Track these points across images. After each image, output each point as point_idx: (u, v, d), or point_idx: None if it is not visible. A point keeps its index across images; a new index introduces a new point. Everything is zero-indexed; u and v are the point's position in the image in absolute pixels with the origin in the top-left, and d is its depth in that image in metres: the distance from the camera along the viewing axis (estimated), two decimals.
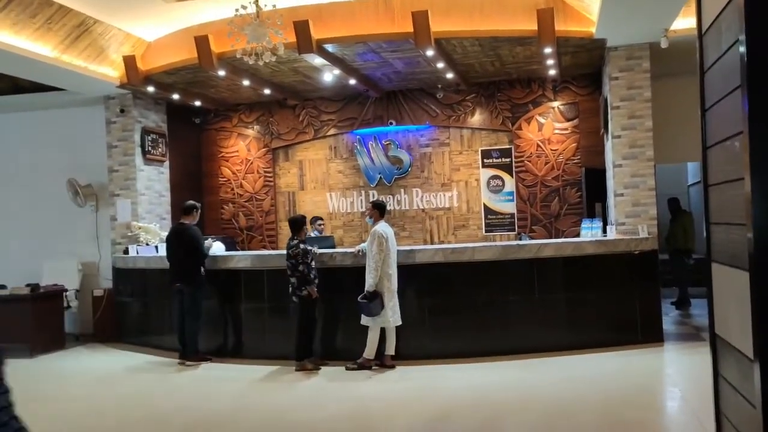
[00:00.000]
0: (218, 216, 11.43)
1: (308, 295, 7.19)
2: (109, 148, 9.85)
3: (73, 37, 8.01)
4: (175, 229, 8.17)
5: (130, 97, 9.67)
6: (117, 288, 9.57)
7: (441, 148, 10.70)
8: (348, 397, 6.16)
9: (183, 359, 7.79)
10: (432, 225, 10.74)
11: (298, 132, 11.14)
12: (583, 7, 7.37)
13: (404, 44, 8.02)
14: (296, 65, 8.80)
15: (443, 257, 7.57)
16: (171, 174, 10.54)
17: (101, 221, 10.04)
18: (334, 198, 11.11)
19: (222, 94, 10.50)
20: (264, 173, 11.31)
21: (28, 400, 5.63)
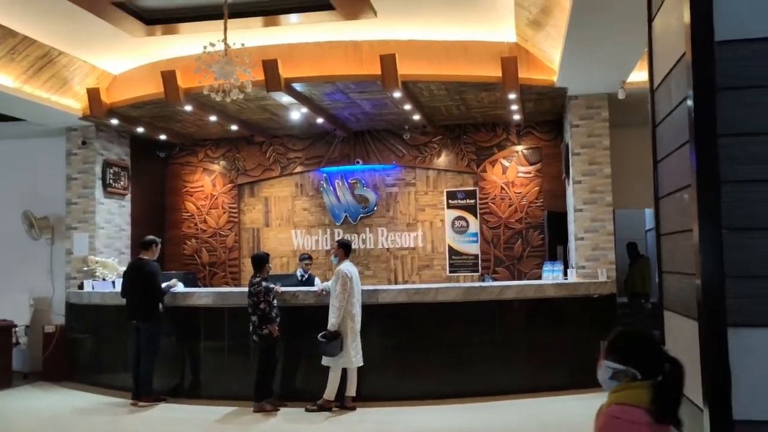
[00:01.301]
0: (180, 251, 11.25)
1: (269, 333, 7.08)
2: (68, 180, 9.66)
3: (36, 68, 7.92)
4: (134, 264, 8.01)
5: (93, 129, 9.55)
6: (70, 324, 9.27)
7: (407, 188, 10.78)
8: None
9: (136, 399, 7.55)
10: (396, 264, 10.74)
11: (264, 168, 11.12)
12: (545, 57, 7.59)
13: (372, 86, 8.13)
14: (264, 103, 8.83)
15: (407, 297, 7.57)
16: (132, 208, 10.37)
17: (56, 255, 9.77)
18: (299, 235, 11.05)
19: (188, 129, 10.46)
20: (229, 209, 11.22)
21: None
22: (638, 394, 2.16)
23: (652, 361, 2.21)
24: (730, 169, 1.96)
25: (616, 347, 2.30)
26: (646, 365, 2.20)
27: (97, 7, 6.41)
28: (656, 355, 2.23)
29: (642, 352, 2.26)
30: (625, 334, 2.37)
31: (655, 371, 2.18)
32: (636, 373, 2.21)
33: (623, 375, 2.23)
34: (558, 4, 5.78)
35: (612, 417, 2.21)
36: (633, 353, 2.25)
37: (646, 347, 2.27)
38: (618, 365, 2.25)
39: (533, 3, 6.25)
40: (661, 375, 2.16)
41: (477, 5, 6.87)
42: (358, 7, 6.56)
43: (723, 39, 1.97)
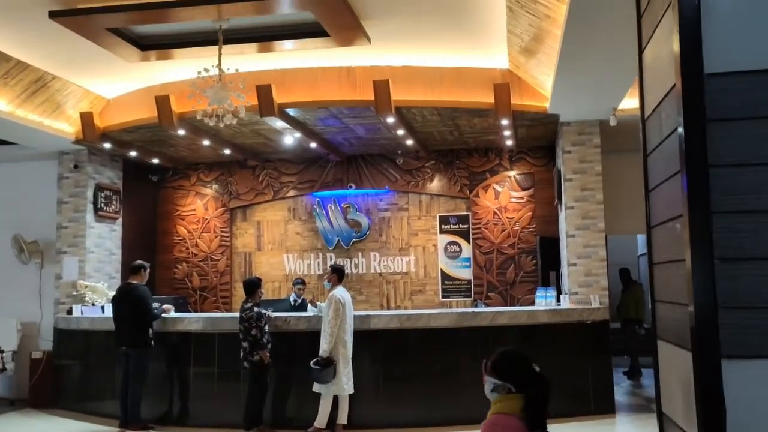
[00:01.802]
0: (171, 275, 11.18)
1: (260, 360, 7.01)
2: (59, 203, 9.61)
3: (30, 91, 7.93)
4: (123, 288, 7.92)
5: (85, 153, 9.53)
6: (58, 350, 9.14)
7: (400, 212, 10.78)
8: None
9: (123, 427, 7.43)
10: (389, 289, 10.70)
11: (257, 193, 11.11)
12: (537, 83, 7.66)
13: (365, 111, 8.17)
14: (258, 127, 8.86)
15: (399, 323, 7.52)
16: (124, 231, 10.32)
17: (45, 279, 9.68)
18: (291, 260, 11.01)
19: (181, 153, 10.46)
20: (221, 233, 11.18)
21: None
22: (512, 405, 2.61)
23: (524, 377, 2.67)
24: (721, 199, 1.96)
25: (496, 366, 2.72)
26: (518, 380, 2.65)
27: (92, 32, 6.43)
28: (527, 372, 2.69)
29: (515, 369, 2.70)
30: (503, 354, 2.78)
31: (526, 385, 2.64)
32: (511, 387, 2.65)
33: (501, 388, 2.66)
34: (550, 32, 5.85)
35: (491, 424, 2.63)
36: (508, 371, 2.69)
37: (519, 366, 2.72)
38: (497, 381, 2.68)
39: (525, 31, 6.32)
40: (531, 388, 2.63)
41: (470, 32, 6.94)
42: (352, 34, 6.61)
43: (712, 71, 1.99)
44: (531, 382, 2.67)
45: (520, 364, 2.74)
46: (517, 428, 2.56)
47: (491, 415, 2.65)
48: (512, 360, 2.76)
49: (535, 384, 2.67)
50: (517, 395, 2.63)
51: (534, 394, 2.64)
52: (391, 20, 6.57)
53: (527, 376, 2.68)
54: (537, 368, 2.74)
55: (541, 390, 2.67)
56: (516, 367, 2.72)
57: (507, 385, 2.66)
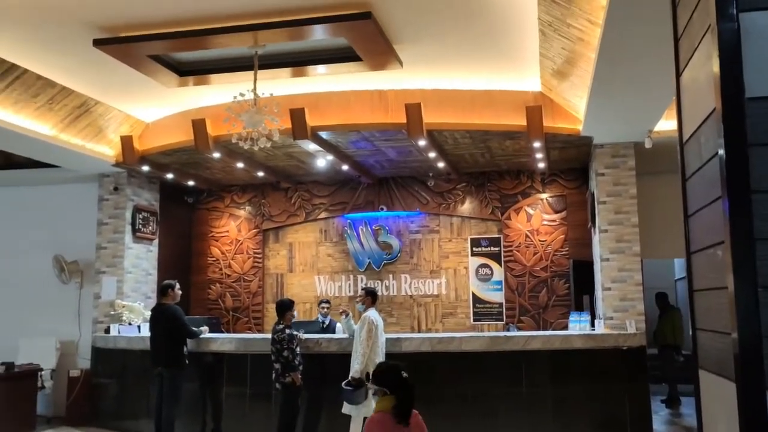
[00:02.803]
0: (205, 296, 11.31)
1: (292, 382, 7.02)
2: (99, 225, 9.84)
3: (73, 116, 8.17)
4: (156, 309, 8.02)
5: (124, 176, 9.76)
6: (95, 368, 9.30)
7: (431, 235, 10.77)
8: None
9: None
10: (420, 312, 10.66)
11: (289, 214, 11.22)
12: (570, 106, 7.63)
13: (397, 134, 8.22)
14: (291, 150, 8.97)
15: (430, 347, 7.48)
16: (160, 252, 10.50)
17: (84, 299, 9.89)
18: (322, 281, 11.05)
19: (216, 175, 10.63)
20: (253, 254, 11.29)
21: None
22: (386, 404, 3.46)
23: (394, 383, 3.51)
24: (764, 225, 1.93)
25: (375, 375, 3.63)
26: (390, 385, 3.51)
27: (133, 59, 6.62)
28: (397, 378, 3.53)
29: (388, 377, 3.56)
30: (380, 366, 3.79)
31: (396, 389, 3.48)
32: (386, 390, 3.51)
33: (379, 392, 3.53)
34: (583, 55, 5.84)
35: (370, 420, 3.51)
36: (383, 378, 3.56)
37: (391, 374, 3.59)
38: (376, 386, 3.56)
39: (558, 54, 6.32)
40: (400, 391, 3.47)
41: (502, 55, 6.97)
42: (384, 59, 6.68)
43: (753, 95, 1.97)
44: (400, 386, 3.52)
45: (392, 372, 3.61)
46: (388, 421, 3.40)
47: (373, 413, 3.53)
48: (387, 370, 3.67)
49: (404, 388, 3.51)
50: (391, 396, 3.49)
51: (402, 395, 3.48)
52: (423, 44, 6.63)
53: (397, 382, 3.52)
54: (405, 375, 3.57)
55: (407, 392, 3.51)
56: (389, 375, 3.59)
57: (383, 389, 3.53)
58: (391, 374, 3.58)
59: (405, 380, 3.49)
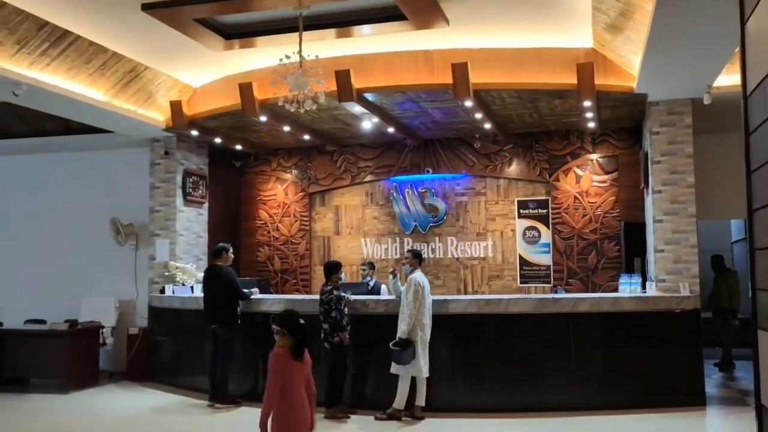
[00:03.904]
0: (254, 258, 11.52)
1: (340, 342, 7.14)
2: (151, 188, 10.09)
3: (124, 82, 8.32)
4: (210, 270, 8.26)
5: (174, 140, 9.93)
6: (152, 327, 9.65)
7: (477, 197, 10.68)
8: None
9: (213, 401, 7.77)
10: (466, 274, 10.65)
11: (335, 178, 11.26)
12: (623, 62, 7.38)
13: (443, 95, 8.11)
14: (336, 113, 8.96)
15: (477, 308, 7.48)
16: (209, 216, 10.72)
17: (140, 260, 10.22)
18: (368, 244, 11.12)
19: (263, 139, 10.72)
20: (300, 217, 11.41)
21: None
22: (286, 342, 4.23)
23: (293, 326, 4.27)
24: None
25: (278, 320, 4.32)
26: (289, 327, 4.26)
27: (180, 23, 6.67)
28: (295, 323, 4.28)
29: (288, 321, 4.29)
30: (282, 312, 4.46)
31: (294, 331, 4.25)
32: (285, 331, 4.25)
33: (281, 333, 4.26)
34: (639, 7, 5.61)
35: (274, 354, 4.21)
36: (284, 322, 4.29)
37: (291, 319, 4.31)
38: (278, 327, 4.28)
39: (612, 6, 6.09)
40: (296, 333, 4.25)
41: (551, 11, 6.75)
42: (430, 17, 6.56)
43: None
44: (297, 330, 4.28)
45: (291, 318, 4.34)
46: (287, 355, 4.21)
47: (276, 348, 4.26)
48: (287, 316, 4.37)
49: (300, 331, 4.29)
50: (289, 337, 4.25)
51: (298, 336, 4.26)
52: (470, 2, 6.47)
53: (295, 326, 4.29)
54: (302, 321, 4.33)
55: (302, 334, 4.29)
56: (289, 320, 4.32)
57: (283, 330, 4.27)
58: (290, 319, 4.33)
59: (301, 325, 4.31)
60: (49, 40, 7.07)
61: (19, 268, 10.81)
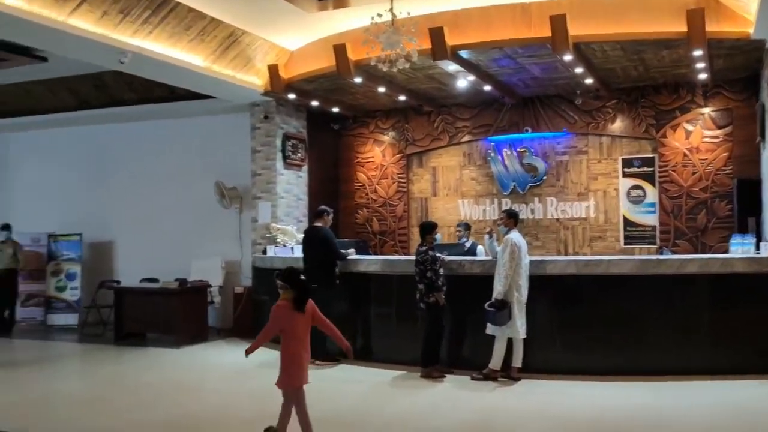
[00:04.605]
0: (353, 220, 11.74)
1: (435, 302, 7.18)
2: (253, 152, 10.46)
3: (223, 47, 8.60)
4: (309, 231, 8.50)
5: (273, 104, 10.20)
6: (255, 286, 10.10)
7: (578, 156, 10.32)
8: (470, 408, 6.07)
9: (313, 359, 7.99)
10: (567, 235, 10.37)
11: (432, 138, 11.21)
12: (739, 6, 6.80)
13: (541, 49, 7.83)
14: (431, 72, 8.86)
15: (576, 269, 7.26)
16: (309, 178, 10.99)
17: (243, 222, 10.68)
18: (466, 205, 11.04)
19: (359, 101, 10.80)
20: (398, 179, 11.48)
21: (172, 389, 6.08)
22: (288, 295, 4.69)
23: (294, 281, 4.71)
24: None
25: (281, 275, 4.77)
26: (291, 282, 4.71)
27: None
28: (296, 279, 4.72)
29: (289, 276, 4.73)
30: (286, 269, 4.83)
31: (295, 286, 4.70)
32: (287, 287, 4.71)
33: (284, 287, 4.72)
34: None
35: (276, 306, 4.70)
36: (286, 277, 4.74)
37: (291, 274, 4.75)
38: (281, 282, 4.74)
39: None
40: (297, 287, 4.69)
41: None
42: None
43: None
44: (298, 284, 4.73)
45: (292, 274, 4.77)
46: (289, 307, 4.67)
47: (279, 300, 4.73)
48: (289, 272, 4.79)
49: (301, 285, 4.73)
50: (290, 291, 4.71)
51: (299, 290, 4.70)
52: None
53: (296, 281, 4.73)
54: (303, 277, 4.79)
55: (304, 289, 4.74)
56: (290, 275, 4.76)
57: (286, 285, 4.73)
58: (292, 275, 4.76)
59: (302, 281, 4.76)
60: (150, 8, 7.37)
61: (134, 231, 11.60)
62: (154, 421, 5.73)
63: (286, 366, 4.77)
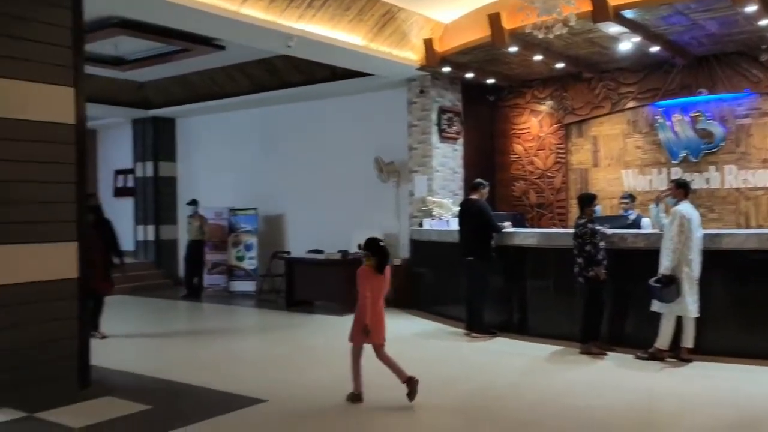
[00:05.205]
0: (509, 193, 11.56)
1: (595, 276, 6.90)
2: (409, 127, 10.62)
3: (380, 25, 8.78)
4: (465, 204, 8.51)
5: (428, 78, 10.26)
6: (413, 258, 10.32)
7: (763, 118, 9.31)
8: (632, 388, 5.78)
9: (469, 330, 8.11)
10: (748, 207, 9.45)
11: (593, 106, 10.67)
12: None
13: (717, 2, 7.14)
14: (591, 36, 8.41)
15: (757, 243, 6.59)
16: (464, 151, 10.96)
17: (401, 196, 10.92)
18: (630, 176, 10.42)
19: (515, 71, 10.53)
20: (556, 150, 11.09)
21: (335, 356, 6.43)
22: (371, 262, 5.32)
23: (374, 248, 5.35)
24: None
25: (364, 244, 5.41)
26: (372, 250, 5.34)
27: None
28: (377, 246, 5.36)
29: (370, 245, 5.37)
30: (367, 239, 5.43)
31: (376, 253, 5.33)
32: (370, 254, 5.33)
33: (367, 255, 5.35)
34: None
35: (361, 270, 5.33)
36: (369, 246, 5.38)
37: (372, 242, 5.39)
38: (364, 251, 5.40)
39: None
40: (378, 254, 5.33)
41: None
42: None
43: None
44: (379, 251, 5.33)
45: (373, 242, 5.38)
46: (372, 272, 5.30)
47: (363, 266, 5.36)
48: (369, 241, 5.40)
49: (381, 252, 5.34)
50: (373, 257, 5.31)
51: (380, 257, 5.32)
52: None
53: (377, 249, 5.35)
54: (383, 243, 5.41)
55: (383, 255, 5.35)
56: (371, 244, 5.38)
57: (368, 253, 5.34)
58: (372, 244, 5.37)
59: (382, 247, 5.37)
60: None
61: (301, 204, 12.32)
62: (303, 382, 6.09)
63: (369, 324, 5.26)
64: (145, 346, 8.05)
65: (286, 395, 5.66)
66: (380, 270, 5.32)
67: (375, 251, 5.33)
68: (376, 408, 5.28)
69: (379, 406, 5.31)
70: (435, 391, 5.65)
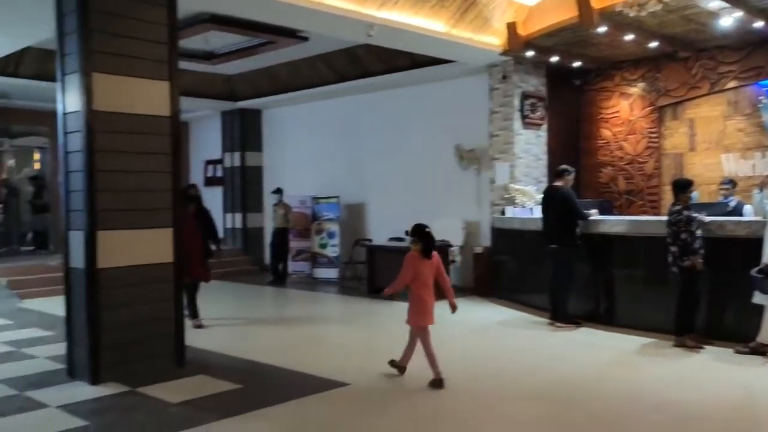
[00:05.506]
0: (595, 179, 11.16)
1: (691, 266, 6.56)
2: (490, 113, 10.42)
3: (461, 10, 8.64)
4: (549, 191, 8.28)
5: (511, 63, 10.02)
6: (494, 246, 10.15)
7: None
8: (732, 383, 5.47)
9: (553, 320, 7.91)
10: None
11: (689, 87, 10.10)
12: None
13: None
14: (687, 12, 7.95)
15: None
16: (549, 137, 10.66)
17: (482, 183, 10.75)
18: (730, 160, 9.81)
19: (603, 52, 10.12)
20: (648, 134, 10.60)
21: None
22: (417, 247, 5.50)
23: (421, 234, 5.52)
24: None
25: (411, 230, 5.62)
26: (419, 236, 5.51)
27: None
28: (423, 232, 5.53)
29: (417, 231, 5.56)
30: (414, 225, 5.63)
31: (423, 239, 5.50)
32: (416, 239, 5.51)
33: (414, 241, 5.54)
34: None
35: (408, 255, 5.52)
36: (415, 232, 5.57)
37: (419, 228, 5.57)
38: (411, 237, 5.61)
39: None
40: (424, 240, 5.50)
41: None
42: None
43: None
44: (425, 237, 5.49)
45: (419, 228, 5.55)
46: (418, 256, 5.47)
47: (411, 251, 5.52)
48: (417, 227, 5.57)
49: (427, 237, 5.50)
50: (420, 242, 5.47)
51: (426, 242, 5.48)
52: None
53: (423, 234, 5.50)
54: (428, 230, 5.54)
55: (429, 240, 5.50)
56: (418, 230, 5.54)
57: (414, 238, 5.52)
58: (419, 230, 5.53)
59: (428, 233, 5.51)
60: None
61: (382, 192, 12.39)
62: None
63: (415, 307, 5.56)
64: (235, 330, 8.32)
65: (369, 379, 5.71)
66: (427, 255, 5.49)
67: (421, 236, 5.51)
68: (458, 393, 5.25)
69: (461, 393, 5.27)
70: (519, 380, 5.57)
